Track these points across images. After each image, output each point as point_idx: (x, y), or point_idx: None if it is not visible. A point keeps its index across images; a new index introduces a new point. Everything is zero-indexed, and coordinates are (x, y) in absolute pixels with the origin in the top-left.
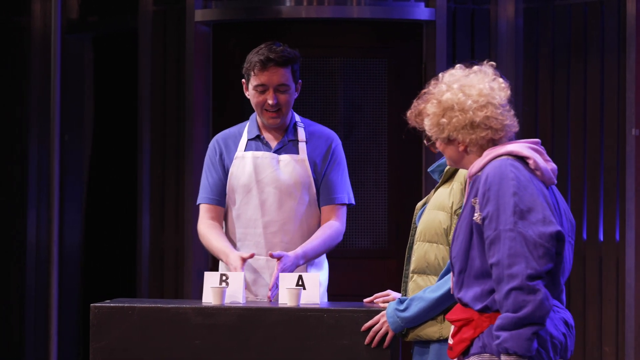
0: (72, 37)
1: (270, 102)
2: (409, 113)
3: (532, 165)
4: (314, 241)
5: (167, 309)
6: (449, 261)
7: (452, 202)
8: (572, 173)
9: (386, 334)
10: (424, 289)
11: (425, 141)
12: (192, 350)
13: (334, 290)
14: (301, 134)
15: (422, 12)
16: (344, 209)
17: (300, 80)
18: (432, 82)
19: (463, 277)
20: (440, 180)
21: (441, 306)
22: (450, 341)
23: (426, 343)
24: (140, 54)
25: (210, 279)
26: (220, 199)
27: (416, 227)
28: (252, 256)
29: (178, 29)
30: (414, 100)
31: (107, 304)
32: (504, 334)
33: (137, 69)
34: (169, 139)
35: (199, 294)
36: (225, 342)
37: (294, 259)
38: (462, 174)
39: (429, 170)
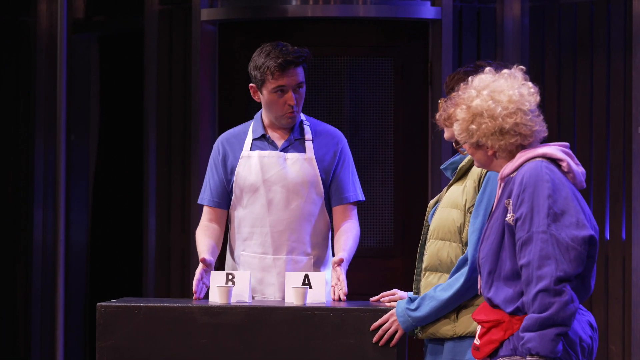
0: (78, 37)
1: (290, 103)
2: (437, 115)
3: (564, 168)
4: (349, 243)
5: (173, 309)
6: (460, 258)
7: (466, 200)
8: None
9: (395, 332)
10: (434, 286)
11: (454, 144)
12: (198, 350)
13: None
14: (307, 132)
15: (428, 11)
16: (356, 208)
17: None
18: (462, 85)
19: (492, 278)
20: (453, 178)
21: (452, 305)
22: (477, 341)
23: (440, 341)
24: (146, 54)
25: (217, 278)
26: (221, 201)
27: (429, 225)
28: (202, 260)
29: (184, 29)
30: (442, 101)
31: (114, 303)
32: (528, 335)
33: (142, 68)
34: (175, 138)
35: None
36: (232, 341)
37: (346, 264)
38: (475, 171)
39: (441, 167)
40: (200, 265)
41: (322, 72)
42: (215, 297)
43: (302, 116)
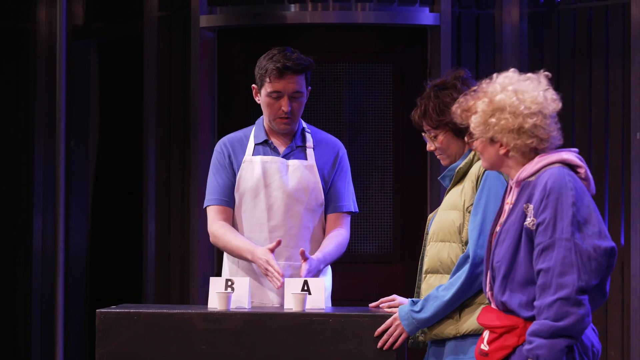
0: (77, 43)
1: (284, 109)
2: (454, 107)
3: (582, 175)
4: (330, 247)
5: (173, 315)
6: (460, 256)
7: (464, 200)
8: None
9: (399, 336)
10: (436, 287)
11: (466, 137)
12: (197, 356)
13: (339, 295)
14: (309, 140)
15: (427, 17)
16: (349, 217)
17: (309, 87)
18: (485, 81)
19: (507, 282)
20: (451, 183)
21: (456, 303)
22: (485, 347)
23: (441, 342)
24: (146, 60)
25: (216, 284)
26: (230, 201)
27: (428, 233)
28: (279, 243)
29: (183, 35)
30: (461, 96)
31: (113, 309)
32: (537, 340)
33: (142, 74)
34: (175, 144)
35: (204, 299)
36: (231, 347)
37: (317, 262)
38: (473, 172)
39: (439, 178)
40: (270, 256)
41: (321, 78)
42: (215, 303)
43: (304, 124)
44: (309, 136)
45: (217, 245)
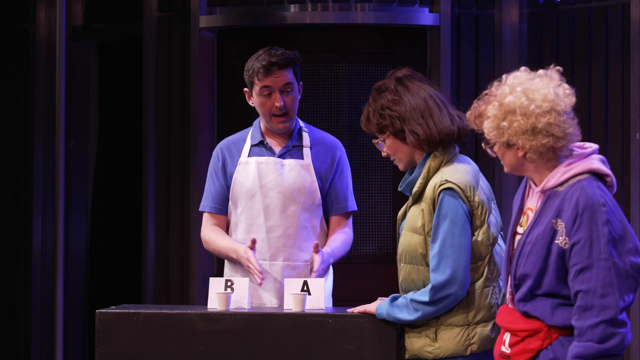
0: (77, 44)
1: (277, 104)
2: (468, 114)
3: (609, 183)
4: (337, 243)
5: (172, 315)
6: (429, 286)
7: (423, 224)
8: None
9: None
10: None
11: (483, 144)
12: (197, 356)
13: (339, 295)
14: (306, 139)
15: (427, 18)
16: (351, 217)
17: (301, 82)
18: (495, 83)
19: (530, 295)
20: (410, 199)
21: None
22: (507, 350)
23: None
24: (145, 60)
25: (216, 285)
26: (222, 208)
27: (400, 236)
28: (254, 241)
29: (183, 35)
30: (474, 101)
31: (113, 310)
32: None
33: (141, 75)
34: (174, 145)
35: (204, 300)
36: (231, 347)
37: (327, 256)
38: (428, 195)
39: (400, 189)
40: (250, 254)
41: (320, 79)
42: (214, 304)
43: (301, 123)
44: (305, 135)
45: (208, 249)
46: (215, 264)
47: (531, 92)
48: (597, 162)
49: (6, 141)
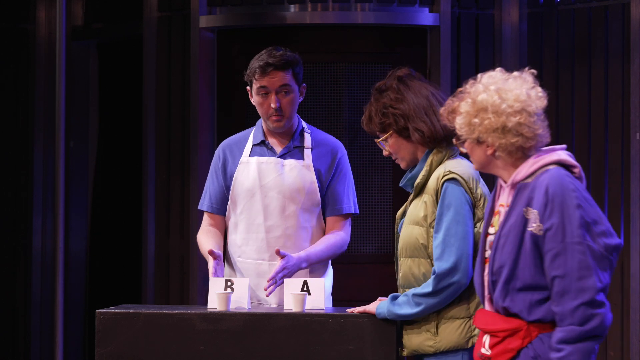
0: (77, 44)
1: (272, 105)
2: (442, 110)
3: (577, 174)
4: (318, 246)
5: (172, 315)
6: (432, 276)
7: (426, 215)
8: None
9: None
10: (412, 292)
11: (454, 140)
12: (197, 356)
13: (339, 295)
14: (307, 140)
15: (427, 18)
16: (349, 219)
17: (304, 84)
18: (470, 81)
19: (509, 287)
20: (412, 193)
21: (425, 314)
22: (488, 352)
23: (420, 357)
24: (145, 60)
25: (216, 285)
26: (220, 208)
27: (399, 236)
28: (210, 251)
29: (183, 35)
30: (449, 98)
31: (113, 310)
32: (567, 348)
33: (142, 75)
34: (174, 144)
35: (204, 300)
36: (231, 347)
37: (296, 260)
38: (431, 186)
39: (400, 184)
40: (210, 260)
41: (320, 79)
42: (214, 304)
43: (304, 124)
44: (307, 136)
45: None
46: None
47: (504, 92)
48: (564, 154)
49: (6, 141)
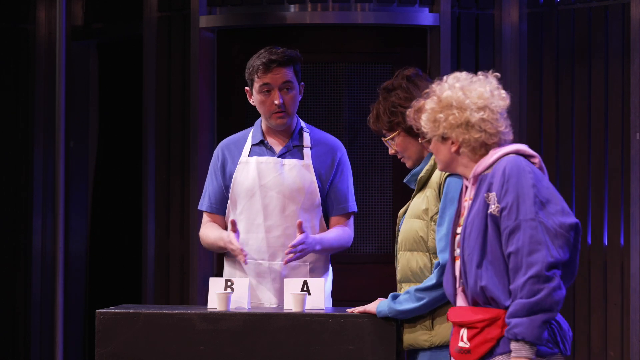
0: (77, 44)
1: (276, 102)
2: (409, 111)
3: (537, 164)
4: (330, 234)
5: (172, 315)
6: (435, 269)
7: (428, 209)
8: (577, 177)
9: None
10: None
11: (419, 139)
12: (197, 356)
13: (339, 295)
14: (307, 139)
15: (427, 18)
16: (352, 218)
17: (302, 83)
18: (436, 82)
19: (481, 270)
20: (415, 189)
21: (429, 308)
22: (466, 344)
23: (416, 352)
24: (145, 60)
25: (216, 285)
26: (220, 208)
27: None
28: (233, 222)
29: (183, 35)
30: (414, 100)
31: (113, 310)
32: (515, 320)
33: (141, 75)
34: (174, 145)
35: (204, 300)
36: (231, 347)
37: (313, 240)
38: (434, 180)
39: (404, 180)
40: (230, 233)
41: (320, 79)
42: (214, 304)
43: (303, 124)
44: (306, 135)
45: (205, 246)
46: (215, 264)
47: (468, 90)
48: (522, 145)
49: (6, 141)
